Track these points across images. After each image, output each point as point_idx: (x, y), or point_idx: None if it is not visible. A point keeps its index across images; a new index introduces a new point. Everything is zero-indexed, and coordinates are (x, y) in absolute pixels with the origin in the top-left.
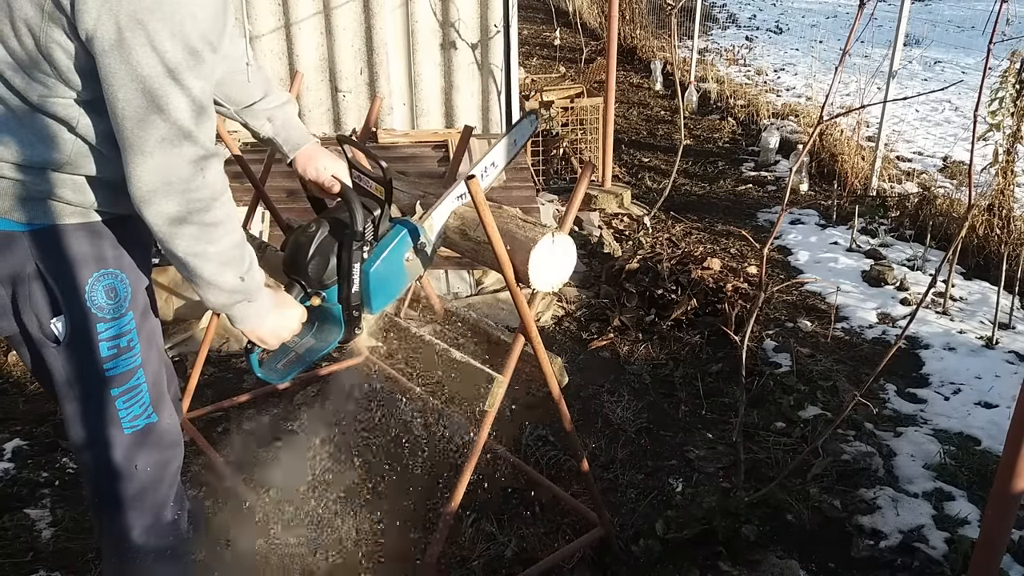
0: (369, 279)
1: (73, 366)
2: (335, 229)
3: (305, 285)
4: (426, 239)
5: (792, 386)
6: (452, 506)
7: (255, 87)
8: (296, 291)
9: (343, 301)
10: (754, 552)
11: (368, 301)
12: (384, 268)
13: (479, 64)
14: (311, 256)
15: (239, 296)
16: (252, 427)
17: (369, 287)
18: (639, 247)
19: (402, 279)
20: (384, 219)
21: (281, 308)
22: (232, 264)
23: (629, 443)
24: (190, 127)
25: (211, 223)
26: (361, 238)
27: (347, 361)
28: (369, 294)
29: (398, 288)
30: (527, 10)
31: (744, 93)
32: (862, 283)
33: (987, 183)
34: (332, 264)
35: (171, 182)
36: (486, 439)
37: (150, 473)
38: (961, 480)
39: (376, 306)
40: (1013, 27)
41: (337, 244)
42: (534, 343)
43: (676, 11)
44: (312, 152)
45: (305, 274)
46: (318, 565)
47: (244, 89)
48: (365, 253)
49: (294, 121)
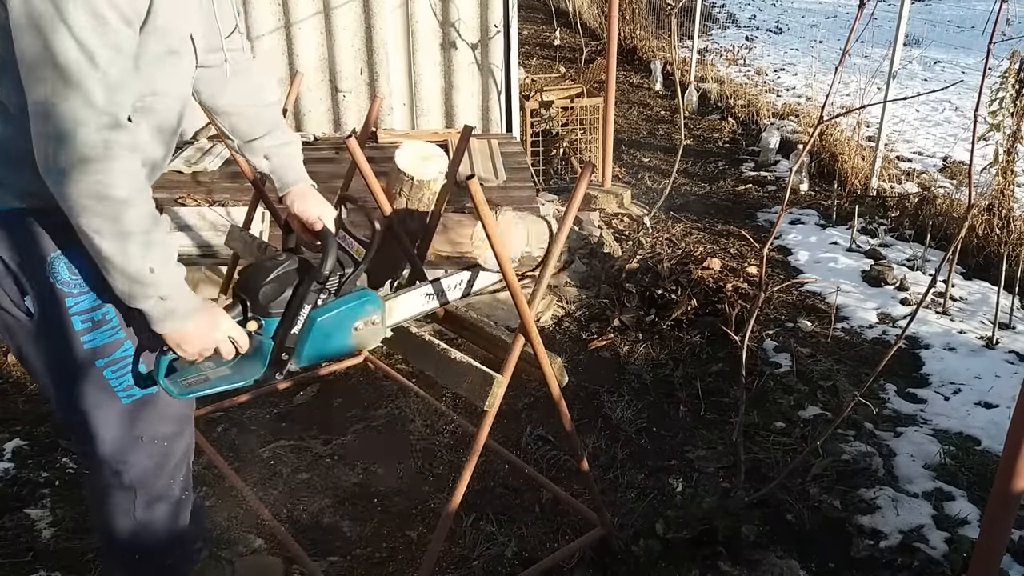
0: (312, 326)
1: (52, 344)
2: (302, 267)
3: (249, 307)
4: (380, 318)
5: (792, 386)
6: (452, 506)
7: (259, 123)
8: (237, 311)
9: (278, 338)
10: (754, 552)
11: (301, 349)
12: (331, 323)
13: (479, 64)
14: (268, 280)
15: (149, 289)
16: (252, 427)
17: (309, 335)
18: (639, 247)
19: (343, 342)
20: (353, 279)
21: (211, 320)
22: (138, 247)
23: (629, 443)
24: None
25: (117, 199)
26: (323, 282)
27: (347, 361)
28: (306, 342)
29: (336, 349)
30: (527, 10)
31: (744, 93)
32: (862, 283)
33: (987, 183)
34: (285, 296)
35: (74, 147)
36: (486, 439)
37: (157, 447)
38: (961, 480)
39: (306, 357)
40: (1013, 27)
41: (298, 281)
42: (534, 343)
43: (676, 11)
44: (304, 191)
45: (254, 296)
46: (318, 565)
47: (249, 124)
48: (320, 301)
49: (293, 162)
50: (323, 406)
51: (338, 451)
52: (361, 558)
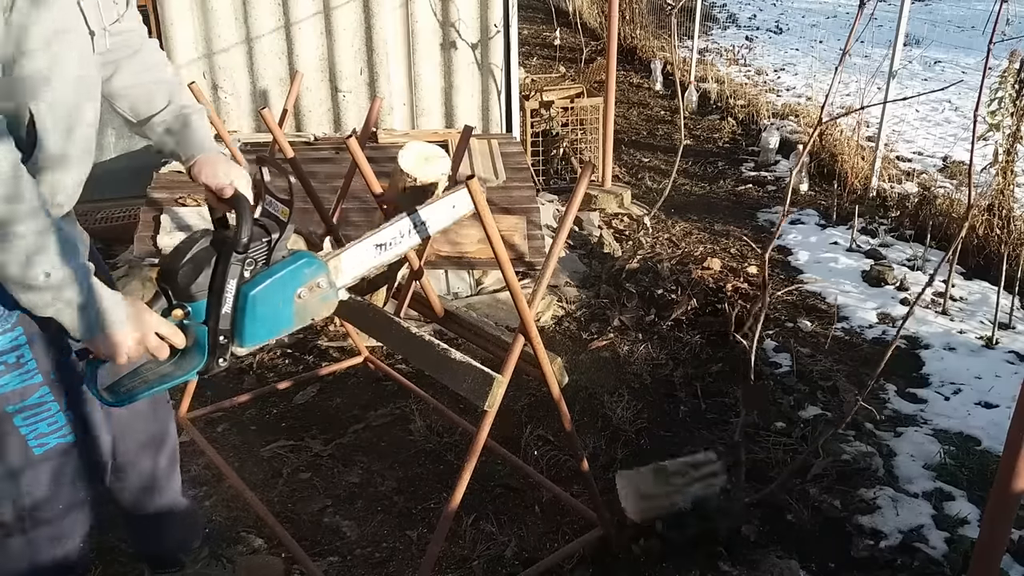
0: (246, 303)
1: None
2: (219, 240)
3: (172, 295)
4: (327, 281)
5: (792, 386)
6: (452, 506)
7: (158, 97)
8: (160, 302)
9: (210, 322)
10: (754, 552)
11: (240, 329)
12: (266, 295)
13: (479, 64)
14: (185, 262)
15: (47, 295)
16: (252, 427)
17: (244, 313)
18: (639, 247)
19: (287, 315)
20: (282, 244)
21: (135, 320)
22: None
23: (629, 443)
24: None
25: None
26: (244, 251)
27: (347, 361)
28: (243, 321)
29: (280, 325)
30: (527, 10)
31: (744, 93)
32: (862, 283)
33: (987, 183)
34: (207, 275)
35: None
36: (486, 439)
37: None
38: (961, 480)
39: (249, 338)
40: (1013, 27)
41: (216, 256)
42: (534, 343)
43: (676, 11)
44: (210, 158)
45: (174, 281)
46: (318, 565)
47: (149, 100)
48: (248, 273)
49: (196, 131)
50: (323, 406)
51: (338, 451)
52: (361, 558)
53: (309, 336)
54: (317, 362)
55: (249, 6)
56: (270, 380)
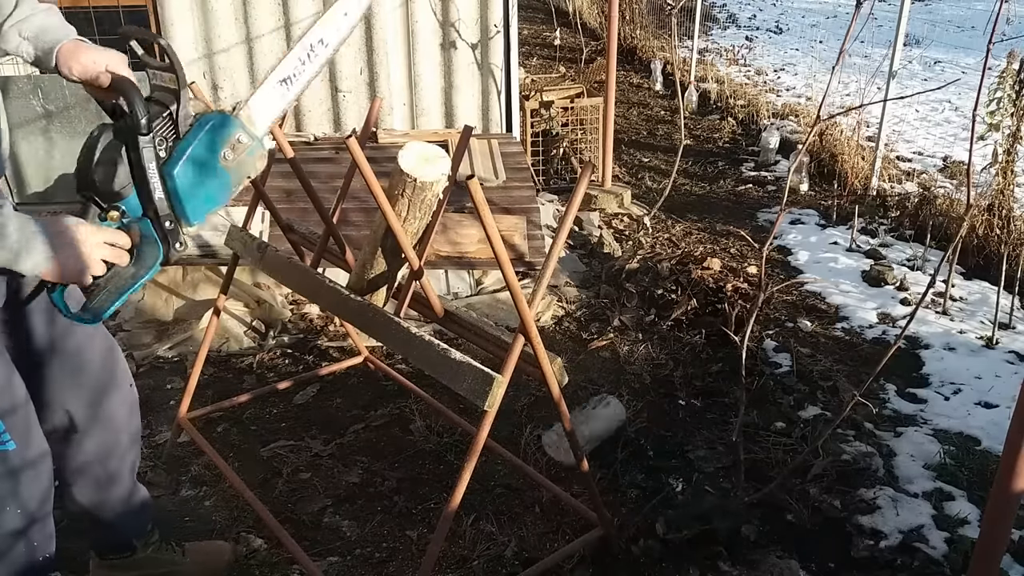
0: (174, 181)
1: None
2: (120, 130)
3: (100, 201)
4: (247, 133)
5: (792, 386)
6: (452, 506)
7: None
8: (92, 212)
9: (149, 213)
10: (754, 552)
11: (181, 209)
12: (190, 168)
13: (479, 64)
14: (96, 164)
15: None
16: (252, 427)
17: (177, 192)
18: (639, 247)
19: (223, 181)
20: (185, 113)
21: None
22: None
23: (629, 443)
24: None
25: None
26: (148, 131)
27: (347, 361)
28: (180, 200)
29: (219, 192)
30: (527, 10)
31: (744, 93)
32: (862, 283)
33: (987, 183)
34: (123, 170)
35: None
36: (486, 439)
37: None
38: (961, 480)
39: (193, 214)
40: (1013, 27)
41: (124, 146)
42: (534, 343)
43: (676, 11)
44: (73, 48)
45: (94, 187)
46: (318, 565)
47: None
48: (162, 152)
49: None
50: (323, 406)
51: (338, 451)
52: (361, 558)
53: (309, 336)
54: (317, 362)
55: (249, 6)
56: (270, 380)
